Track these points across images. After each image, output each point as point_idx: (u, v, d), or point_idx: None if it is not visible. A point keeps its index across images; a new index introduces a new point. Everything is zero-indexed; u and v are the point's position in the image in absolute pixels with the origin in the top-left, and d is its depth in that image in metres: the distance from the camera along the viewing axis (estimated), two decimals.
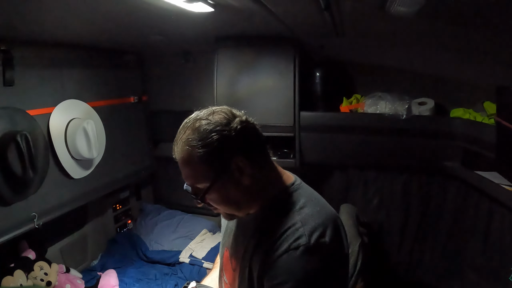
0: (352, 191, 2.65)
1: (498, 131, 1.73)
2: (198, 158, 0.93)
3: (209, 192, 0.97)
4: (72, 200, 2.22)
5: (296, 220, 0.94)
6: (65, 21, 1.61)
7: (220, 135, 0.94)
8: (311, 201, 1.00)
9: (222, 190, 0.97)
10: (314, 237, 0.91)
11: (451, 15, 1.31)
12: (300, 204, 0.99)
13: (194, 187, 1.00)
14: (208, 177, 0.95)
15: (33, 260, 2.16)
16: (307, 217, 0.95)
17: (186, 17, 1.54)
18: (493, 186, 1.79)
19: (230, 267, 1.13)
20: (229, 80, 2.42)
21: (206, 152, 0.93)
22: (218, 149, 0.93)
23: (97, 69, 2.44)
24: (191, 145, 0.94)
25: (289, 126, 2.38)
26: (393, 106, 2.28)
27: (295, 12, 1.60)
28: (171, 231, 3.04)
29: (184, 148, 0.95)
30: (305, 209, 0.97)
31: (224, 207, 1.02)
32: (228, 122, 0.96)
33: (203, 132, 0.94)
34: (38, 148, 1.89)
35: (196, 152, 0.93)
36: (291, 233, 0.92)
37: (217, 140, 0.93)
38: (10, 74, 1.76)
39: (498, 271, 1.92)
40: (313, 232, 0.92)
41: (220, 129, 0.94)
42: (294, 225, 0.93)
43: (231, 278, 1.12)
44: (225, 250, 1.18)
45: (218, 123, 0.95)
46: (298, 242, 0.90)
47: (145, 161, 3.01)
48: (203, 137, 0.93)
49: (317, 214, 0.96)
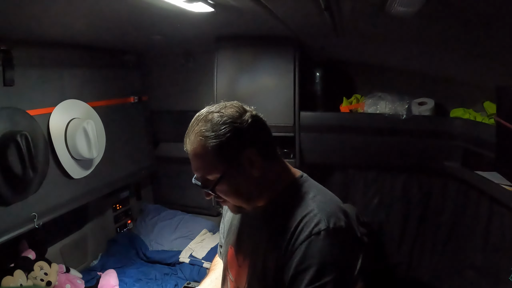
0: (352, 191, 2.65)
1: (498, 131, 1.73)
2: (210, 148, 0.96)
3: (219, 183, 0.99)
4: (72, 200, 2.21)
5: (313, 207, 0.98)
6: (65, 21, 1.61)
7: (232, 127, 0.97)
8: (321, 191, 1.05)
9: (232, 181, 1.00)
10: (332, 221, 0.94)
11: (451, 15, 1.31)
12: (313, 193, 1.03)
13: (204, 178, 1.02)
14: (219, 168, 0.98)
15: (33, 260, 2.16)
16: (322, 204, 0.99)
17: (186, 17, 1.54)
18: (493, 186, 1.79)
19: (236, 263, 1.14)
20: (229, 80, 2.42)
21: (219, 143, 0.96)
22: (230, 141, 0.96)
23: (97, 69, 2.44)
24: (204, 135, 0.96)
25: (289, 126, 2.38)
26: (393, 106, 2.28)
27: (295, 12, 1.60)
28: (171, 231, 3.04)
29: (197, 139, 0.97)
30: (318, 197, 1.01)
31: (234, 198, 1.04)
32: (240, 115, 0.99)
33: (216, 123, 0.97)
34: (38, 148, 1.89)
35: (208, 143, 0.96)
36: (310, 219, 0.95)
37: (230, 131, 0.96)
38: (10, 74, 1.75)
39: (498, 271, 1.92)
40: (330, 217, 0.95)
41: (233, 121, 0.97)
42: (312, 211, 0.96)
43: (238, 275, 1.13)
44: (230, 248, 1.19)
45: (230, 116, 0.98)
46: (319, 227, 0.93)
47: (145, 161, 3.01)
48: (216, 129, 0.96)
49: (330, 202, 1.02)
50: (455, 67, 2.19)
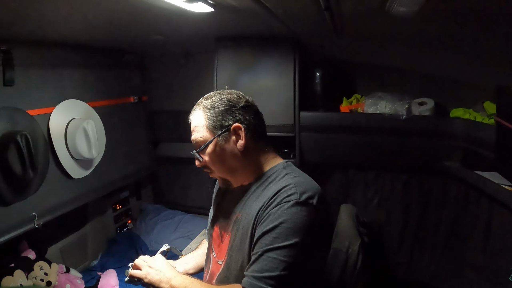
0: (352, 191, 2.65)
1: (498, 131, 1.73)
2: (206, 116, 1.17)
3: (208, 146, 1.16)
4: (72, 200, 2.21)
5: (290, 182, 1.09)
6: (65, 21, 1.61)
7: (227, 105, 1.18)
8: (302, 174, 1.18)
9: (218, 148, 1.17)
10: (304, 196, 1.05)
11: (451, 15, 1.31)
12: (294, 174, 1.15)
13: (197, 142, 1.19)
14: (210, 132, 1.16)
15: (33, 260, 2.16)
16: (300, 182, 1.10)
17: (186, 17, 1.54)
18: (493, 186, 1.79)
19: (220, 241, 1.26)
20: (229, 80, 2.41)
21: (213, 113, 1.17)
22: (223, 113, 1.16)
23: (97, 69, 2.44)
24: (203, 106, 1.19)
25: (289, 126, 2.38)
26: (393, 106, 2.28)
27: (295, 12, 1.60)
28: (171, 231, 3.03)
29: (197, 111, 1.20)
30: (298, 178, 1.13)
31: (219, 167, 1.20)
32: (237, 99, 1.20)
33: (215, 100, 1.19)
34: (38, 148, 1.89)
35: (205, 112, 1.18)
36: (284, 191, 1.07)
37: (224, 106, 1.17)
38: (10, 74, 1.75)
39: (498, 271, 1.92)
40: (304, 192, 1.06)
41: (229, 101, 1.18)
42: (288, 185, 1.08)
43: (219, 250, 1.25)
44: (215, 227, 1.31)
45: (229, 97, 1.20)
46: (290, 197, 1.05)
47: (145, 161, 3.01)
48: (214, 103, 1.18)
49: (308, 182, 1.13)
50: (455, 67, 2.19)
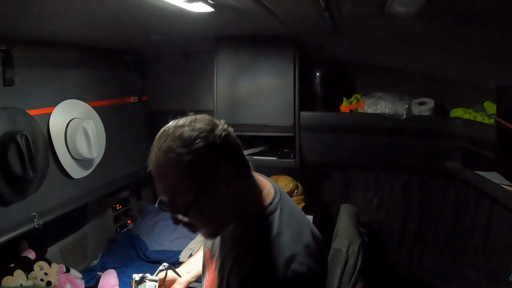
0: (352, 191, 2.65)
1: (498, 131, 1.73)
2: (184, 166, 0.87)
3: (193, 205, 0.89)
4: (72, 200, 2.21)
5: (274, 248, 0.91)
6: (65, 21, 1.61)
7: (206, 141, 0.88)
8: (289, 225, 0.97)
9: (206, 203, 0.91)
10: (292, 268, 0.88)
11: (451, 15, 1.31)
12: (277, 230, 0.94)
13: (174, 201, 0.92)
14: (193, 187, 0.89)
15: (33, 260, 2.16)
16: (283, 246, 0.92)
17: (186, 17, 1.54)
18: (493, 186, 1.79)
19: (211, 267, 1.12)
20: (229, 80, 2.42)
21: (193, 160, 0.87)
22: (204, 157, 0.88)
23: (97, 69, 2.44)
24: (176, 152, 0.87)
25: (289, 126, 2.38)
26: (393, 106, 2.28)
27: (295, 12, 1.60)
28: (171, 231, 3.03)
29: (166, 157, 0.89)
30: (282, 238, 0.93)
31: (206, 223, 0.96)
32: (212, 129, 0.91)
33: (188, 138, 0.88)
34: (38, 148, 1.89)
35: (182, 160, 0.87)
36: (267, 263, 0.89)
37: (203, 146, 0.88)
38: (10, 74, 1.75)
39: (498, 271, 1.92)
40: (290, 262, 0.89)
41: (205, 135, 0.89)
42: (269, 255, 0.90)
43: (211, 279, 1.11)
44: (206, 250, 1.17)
45: (202, 129, 0.89)
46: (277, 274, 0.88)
47: (145, 161, 2.98)
48: (188, 144, 0.87)
49: (294, 240, 0.94)
50: (455, 67, 2.19)
